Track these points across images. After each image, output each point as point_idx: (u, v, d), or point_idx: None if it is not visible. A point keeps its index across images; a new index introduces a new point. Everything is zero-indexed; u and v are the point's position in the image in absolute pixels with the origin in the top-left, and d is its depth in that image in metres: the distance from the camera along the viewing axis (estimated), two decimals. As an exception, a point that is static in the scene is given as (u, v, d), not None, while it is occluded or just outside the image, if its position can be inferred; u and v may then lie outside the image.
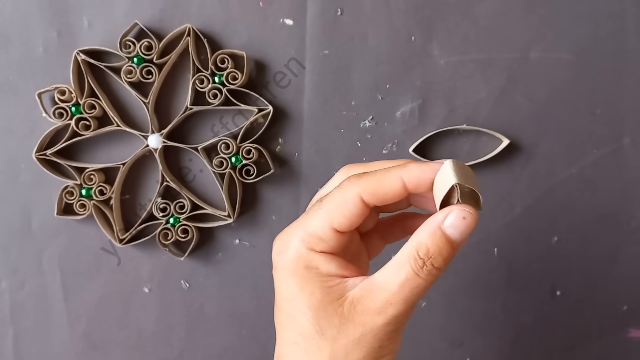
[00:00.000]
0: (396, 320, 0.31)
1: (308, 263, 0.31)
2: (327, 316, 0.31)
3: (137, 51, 0.48)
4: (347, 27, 0.49)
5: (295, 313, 0.32)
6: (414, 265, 0.30)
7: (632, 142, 0.49)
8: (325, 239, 0.32)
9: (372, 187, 0.31)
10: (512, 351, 0.51)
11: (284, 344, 0.33)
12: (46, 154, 0.49)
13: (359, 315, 0.31)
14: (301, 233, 0.32)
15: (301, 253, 0.32)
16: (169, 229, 0.49)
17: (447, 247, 0.30)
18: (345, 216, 0.31)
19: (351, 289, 0.31)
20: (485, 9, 0.49)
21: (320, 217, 0.32)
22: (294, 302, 0.32)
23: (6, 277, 0.51)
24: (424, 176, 0.31)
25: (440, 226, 0.30)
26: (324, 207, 0.32)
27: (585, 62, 0.49)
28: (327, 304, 0.31)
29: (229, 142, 0.48)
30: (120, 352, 0.52)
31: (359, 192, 0.31)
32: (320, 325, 0.31)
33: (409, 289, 0.30)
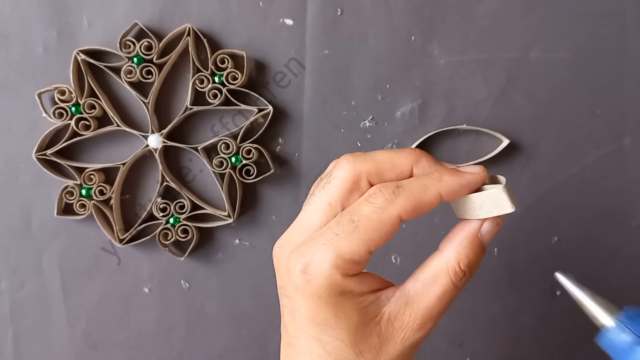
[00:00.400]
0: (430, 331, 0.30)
1: (343, 289, 0.29)
2: (365, 338, 0.30)
3: (137, 51, 0.48)
4: (347, 27, 0.49)
5: (327, 339, 0.30)
6: (454, 277, 0.30)
7: (632, 142, 0.49)
8: (360, 262, 0.29)
9: (413, 207, 0.29)
10: (512, 351, 0.51)
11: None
12: (46, 154, 0.49)
13: (397, 333, 0.30)
14: (333, 257, 0.29)
15: (336, 281, 0.29)
16: (169, 229, 0.49)
17: (483, 253, 0.31)
18: (383, 239, 0.29)
19: (385, 304, 0.30)
20: (485, 9, 0.49)
21: (356, 241, 0.29)
22: (327, 328, 0.29)
23: (6, 277, 0.51)
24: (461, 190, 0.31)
25: (477, 235, 0.30)
26: (360, 230, 0.29)
27: (585, 62, 0.49)
28: (365, 325, 0.30)
29: (229, 142, 0.48)
30: (120, 352, 0.52)
31: (399, 214, 0.29)
32: (359, 349, 0.30)
33: (447, 301, 0.30)
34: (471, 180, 0.31)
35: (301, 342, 0.31)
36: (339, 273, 0.29)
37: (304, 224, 0.31)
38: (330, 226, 0.30)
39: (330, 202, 0.31)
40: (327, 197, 0.31)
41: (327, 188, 0.31)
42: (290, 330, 0.31)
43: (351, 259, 0.29)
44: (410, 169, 0.31)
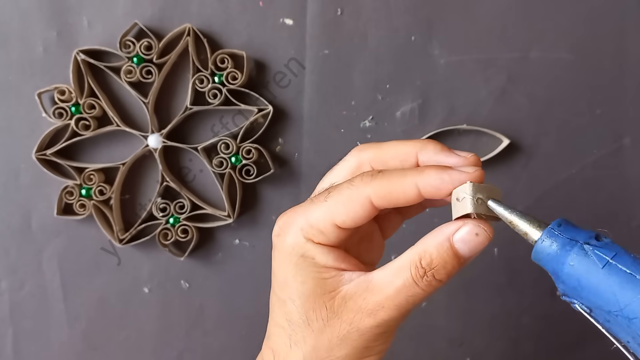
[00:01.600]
0: (386, 324, 0.29)
1: (304, 252, 0.30)
2: (315, 307, 0.30)
3: (136, 51, 0.48)
4: (347, 27, 0.49)
5: (285, 298, 0.31)
6: (414, 273, 0.29)
7: (632, 142, 0.49)
8: (325, 232, 0.30)
9: (384, 191, 0.29)
10: (512, 351, 0.51)
11: (272, 324, 0.33)
12: (46, 154, 0.49)
13: (348, 313, 0.30)
14: (302, 221, 0.30)
15: (298, 241, 0.30)
16: (169, 229, 0.49)
17: (453, 261, 0.29)
18: (350, 216, 0.29)
19: (346, 283, 0.30)
20: (485, 9, 0.49)
21: (323, 210, 0.30)
22: (285, 287, 0.31)
23: (6, 277, 0.51)
24: (442, 187, 0.29)
25: (449, 238, 0.29)
26: (329, 201, 0.30)
27: (585, 62, 0.49)
28: (318, 295, 0.30)
29: (229, 142, 0.48)
30: (120, 352, 0.52)
31: (368, 194, 0.29)
32: (307, 316, 0.30)
33: (405, 296, 0.29)
34: (455, 178, 0.29)
35: (272, 299, 0.32)
36: (302, 235, 0.30)
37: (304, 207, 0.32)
38: (311, 196, 0.32)
39: (332, 183, 0.32)
40: (330, 178, 0.32)
41: (333, 171, 0.33)
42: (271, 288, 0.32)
43: (315, 225, 0.30)
44: (415, 157, 0.31)
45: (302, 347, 0.31)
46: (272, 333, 0.33)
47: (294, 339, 0.31)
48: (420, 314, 0.51)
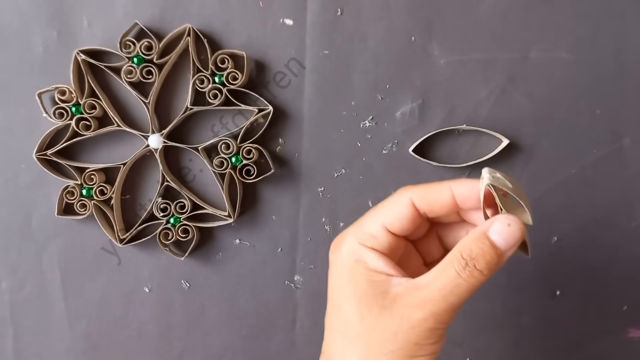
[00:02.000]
0: (434, 317, 0.31)
1: (358, 257, 0.33)
2: (368, 306, 0.32)
3: (137, 51, 0.48)
4: (347, 27, 0.49)
5: (341, 302, 0.33)
6: (457, 266, 0.31)
7: (632, 142, 0.50)
8: (377, 236, 0.34)
9: (423, 193, 0.34)
10: (512, 351, 0.51)
11: (328, 330, 0.35)
12: (46, 154, 0.49)
13: (398, 309, 0.32)
14: (356, 231, 0.34)
15: (353, 248, 0.34)
16: (170, 229, 0.49)
17: (491, 251, 0.31)
18: (396, 217, 0.34)
19: (395, 286, 0.32)
20: (485, 9, 0.49)
21: (374, 216, 0.34)
22: (341, 292, 0.33)
23: (6, 277, 0.51)
24: (473, 189, 0.33)
25: (485, 232, 0.32)
26: (378, 209, 0.35)
27: (585, 62, 0.49)
28: (370, 295, 0.32)
29: (229, 142, 0.48)
30: (120, 352, 0.52)
31: (410, 197, 0.34)
32: (361, 314, 0.32)
33: (450, 288, 0.31)
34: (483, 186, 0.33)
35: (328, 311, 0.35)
36: (356, 241, 0.34)
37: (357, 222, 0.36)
38: None
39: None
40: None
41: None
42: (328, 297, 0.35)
43: (367, 230, 0.34)
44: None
45: (356, 344, 0.32)
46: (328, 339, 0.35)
47: (348, 338, 0.33)
48: (421, 314, 0.51)
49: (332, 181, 0.50)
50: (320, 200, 0.50)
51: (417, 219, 0.34)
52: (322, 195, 0.50)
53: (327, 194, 0.50)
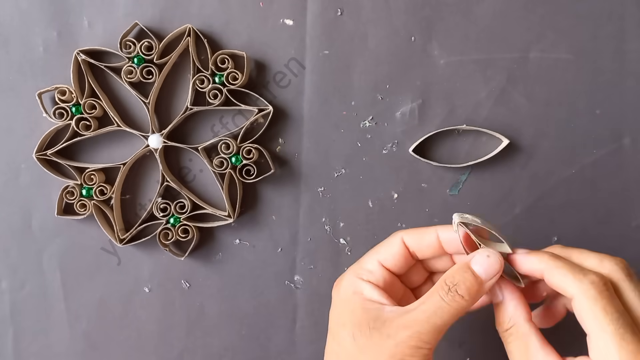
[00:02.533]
0: (418, 337, 0.35)
1: (355, 289, 0.38)
2: (361, 328, 0.36)
3: (137, 51, 0.48)
4: (347, 27, 0.49)
5: (339, 329, 0.37)
6: (441, 292, 0.35)
7: (632, 142, 0.50)
8: (373, 271, 0.38)
9: (412, 234, 0.39)
10: (512, 351, 0.51)
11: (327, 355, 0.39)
12: (46, 154, 0.49)
13: (386, 329, 0.35)
14: (355, 268, 0.39)
15: (351, 281, 0.38)
16: (169, 229, 0.49)
17: (472, 279, 0.36)
18: (390, 254, 0.39)
19: (387, 313, 0.36)
20: (485, 9, 0.49)
21: (371, 254, 0.39)
22: (338, 320, 0.38)
23: (6, 277, 0.51)
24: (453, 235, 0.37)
25: (467, 263, 0.36)
26: (374, 248, 0.40)
27: (585, 62, 0.49)
28: (364, 320, 0.36)
29: (229, 142, 0.48)
30: (120, 352, 0.52)
31: (402, 237, 0.39)
32: (354, 335, 0.36)
33: (434, 310, 0.35)
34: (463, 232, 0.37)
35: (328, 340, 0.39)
36: (355, 276, 0.39)
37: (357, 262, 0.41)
38: None
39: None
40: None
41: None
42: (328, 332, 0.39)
43: (365, 266, 0.39)
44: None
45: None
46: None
47: (342, 356, 0.37)
48: (421, 314, 0.51)
49: (332, 181, 0.50)
50: (320, 200, 0.50)
51: (409, 257, 0.39)
52: (322, 195, 0.50)
53: (327, 194, 0.50)
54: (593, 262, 0.36)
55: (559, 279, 0.35)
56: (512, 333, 0.37)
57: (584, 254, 0.37)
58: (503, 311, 0.37)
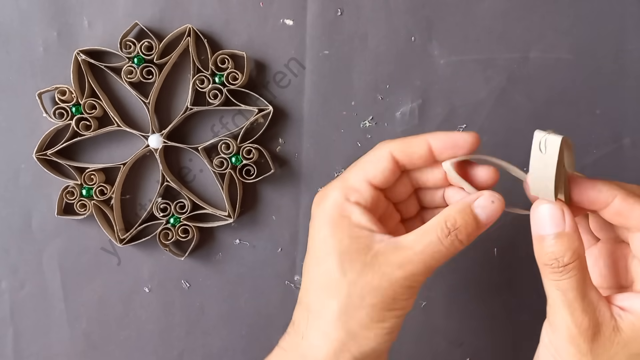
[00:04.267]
0: (412, 277, 0.33)
1: (342, 211, 0.34)
2: (351, 260, 0.33)
3: (137, 51, 0.48)
4: (347, 27, 0.49)
5: (323, 255, 0.34)
6: (440, 233, 0.33)
7: (632, 142, 0.50)
8: (360, 190, 0.35)
9: (401, 146, 0.35)
10: (512, 351, 0.51)
11: (307, 282, 0.36)
12: (46, 154, 0.49)
13: (380, 266, 0.33)
14: (340, 185, 0.35)
15: (338, 202, 0.35)
16: (170, 229, 0.49)
17: (473, 224, 0.34)
18: (378, 169, 0.35)
19: (378, 242, 0.34)
20: (485, 9, 0.49)
21: (357, 171, 0.35)
22: (323, 245, 0.34)
23: (6, 277, 0.51)
24: (448, 140, 0.35)
25: (470, 205, 0.34)
26: (360, 163, 0.36)
27: (585, 62, 0.49)
28: (354, 250, 0.34)
29: (229, 142, 0.48)
30: (120, 352, 0.52)
31: (390, 150, 0.35)
32: (343, 268, 0.33)
33: (430, 253, 0.33)
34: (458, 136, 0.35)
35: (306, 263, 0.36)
36: (341, 195, 0.35)
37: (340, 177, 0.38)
38: None
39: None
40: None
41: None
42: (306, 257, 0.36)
43: (352, 184, 0.35)
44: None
45: (337, 296, 0.34)
46: (306, 290, 0.36)
47: (329, 290, 0.34)
48: (420, 314, 0.51)
49: (332, 181, 0.50)
50: (320, 200, 0.50)
51: (397, 171, 0.36)
52: (322, 195, 0.50)
53: (327, 194, 0.50)
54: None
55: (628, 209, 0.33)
56: (574, 267, 0.33)
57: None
58: (567, 241, 0.33)
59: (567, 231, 0.33)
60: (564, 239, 0.33)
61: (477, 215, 0.34)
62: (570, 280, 0.33)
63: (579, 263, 0.33)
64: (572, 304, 0.33)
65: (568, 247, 0.33)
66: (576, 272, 0.33)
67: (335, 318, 0.34)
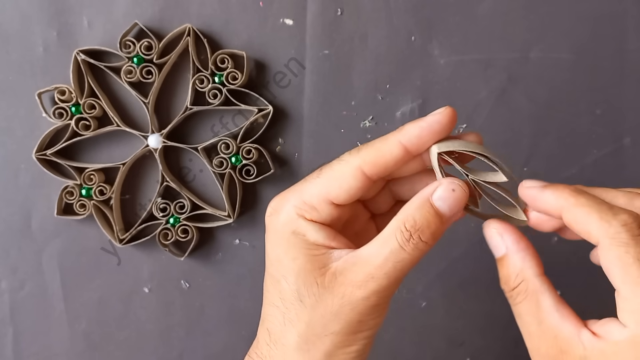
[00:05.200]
0: (376, 295, 0.29)
1: (296, 229, 0.31)
2: (307, 283, 0.30)
3: (137, 51, 0.48)
4: (347, 27, 0.49)
5: (279, 277, 0.31)
6: (400, 239, 0.29)
7: (632, 142, 0.50)
8: (318, 209, 0.31)
9: (372, 158, 0.31)
10: (512, 351, 0.51)
11: (267, 305, 0.33)
12: (46, 154, 0.49)
13: (338, 287, 0.30)
14: (295, 199, 0.31)
15: (291, 218, 0.31)
16: (169, 229, 0.49)
17: (436, 220, 0.29)
18: (343, 189, 0.31)
19: (335, 260, 0.30)
20: (485, 9, 0.49)
21: (317, 187, 0.31)
22: (278, 265, 0.31)
23: (6, 277, 0.51)
24: (423, 134, 0.30)
25: (429, 199, 0.29)
26: (322, 177, 0.31)
27: (585, 62, 0.49)
28: (309, 271, 0.30)
29: (229, 142, 0.48)
30: (120, 352, 0.52)
31: (359, 165, 0.31)
32: (299, 292, 0.30)
33: (393, 263, 0.29)
34: (431, 120, 0.31)
35: (266, 281, 0.33)
36: (295, 212, 0.31)
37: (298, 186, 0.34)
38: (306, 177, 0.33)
39: None
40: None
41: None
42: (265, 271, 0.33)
43: (309, 201, 0.31)
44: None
45: (296, 325, 0.31)
46: (267, 314, 0.33)
47: (287, 317, 0.31)
48: (420, 314, 0.51)
49: (332, 181, 0.50)
50: (320, 200, 0.50)
51: (368, 184, 0.31)
52: (322, 195, 0.50)
53: (327, 194, 0.50)
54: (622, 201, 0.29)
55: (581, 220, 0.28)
56: (520, 292, 0.29)
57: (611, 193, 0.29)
58: (508, 265, 0.30)
59: (505, 254, 0.30)
60: (503, 262, 0.30)
61: (438, 209, 0.29)
62: (521, 305, 0.29)
63: (526, 285, 0.29)
64: (527, 329, 0.29)
65: (510, 271, 0.29)
66: (524, 297, 0.29)
67: (297, 348, 0.31)
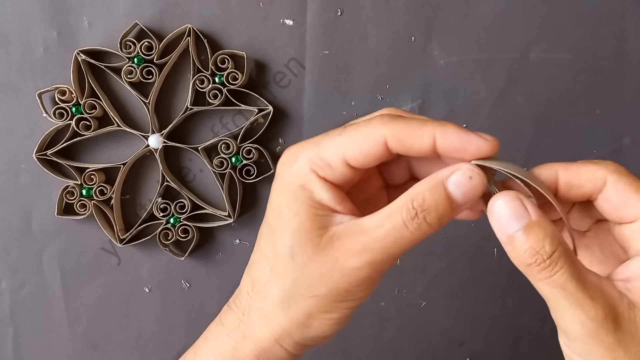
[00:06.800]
0: (370, 267, 0.28)
1: (305, 183, 0.29)
2: (302, 241, 0.29)
3: (137, 51, 0.48)
4: (347, 27, 0.49)
5: (275, 228, 0.30)
6: (405, 215, 0.28)
7: (632, 142, 0.50)
8: (333, 166, 0.29)
9: (402, 134, 0.28)
10: (512, 351, 0.51)
11: (257, 253, 0.32)
12: (46, 154, 0.49)
13: (333, 251, 0.29)
14: (312, 152, 0.29)
15: (303, 171, 0.29)
16: (169, 229, 0.49)
17: (445, 204, 0.28)
18: (362, 153, 0.29)
19: (336, 224, 0.29)
20: (485, 9, 0.49)
21: (336, 143, 0.29)
22: (277, 216, 0.30)
23: (6, 277, 0.51)
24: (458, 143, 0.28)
25: (443, 181, 0.28)
26: (344, 135, 0.29)
27: (585, 62, 0.49)
28: (307, 229, 0.29)
29: (229, 142, 0.48)
30: (120, 352, 0.52)
31: (385, 135, 0.28)
32: (292, 249, 0.29)
33: (393, 239, 0.28)
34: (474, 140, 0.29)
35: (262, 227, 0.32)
36: (308, 166, 0.29)
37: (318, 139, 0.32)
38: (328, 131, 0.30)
39: None
40: None
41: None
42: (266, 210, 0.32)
43: (325, 157, 0.29)
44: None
45: (283, 280, 0.30)
46: (255, 262, 0.32)
47: (275, 270, 0.30)
48: (420, 314, 0.51)
49: (332, 181, 0.50)
50: (320, 200, 0.50)
51: (386, 156, 0.29)
52: (322, 195, 0.50)
53: (327, 194, 0.50)
54: None
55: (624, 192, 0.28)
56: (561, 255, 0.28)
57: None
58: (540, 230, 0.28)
59: (535, 219, 0.28)
60: (535, 228, 0.28)
61: (450, 194, 0.28)
62: (564, 270, 0.27)
63: (563, 248, 0.27)
64: (576, 296, 0.27)
65: (544, 235, 0.27)
66: (565, 259, 0.27)
67: (279, 303, 0.30)
